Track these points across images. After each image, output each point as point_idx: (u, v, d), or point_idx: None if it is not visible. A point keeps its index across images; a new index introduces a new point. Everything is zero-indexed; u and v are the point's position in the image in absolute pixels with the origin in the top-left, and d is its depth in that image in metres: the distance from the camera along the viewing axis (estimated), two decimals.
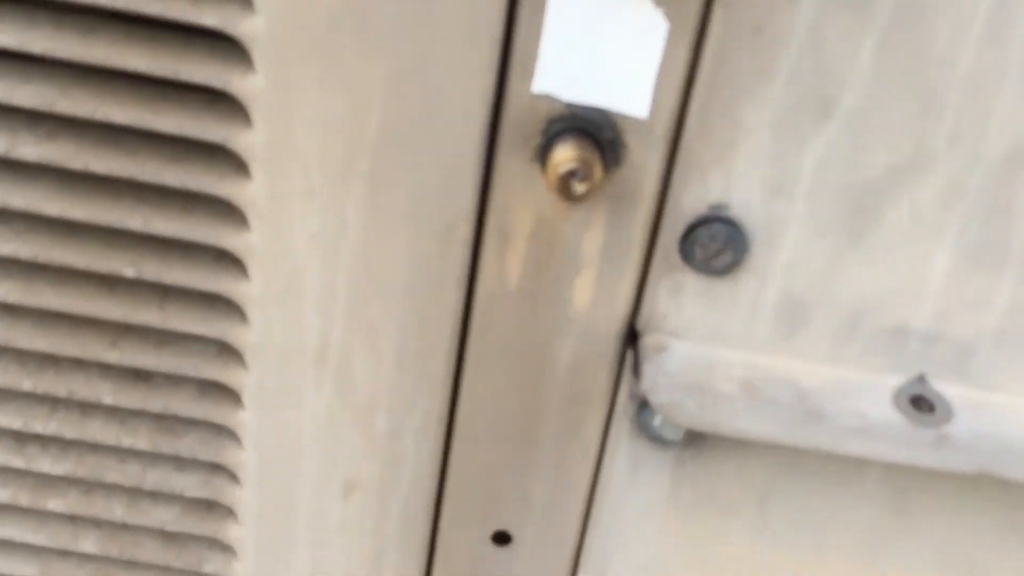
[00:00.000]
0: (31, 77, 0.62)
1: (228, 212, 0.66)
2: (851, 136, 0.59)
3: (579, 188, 0.58)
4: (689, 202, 0.62)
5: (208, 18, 0.58)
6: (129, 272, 0.67)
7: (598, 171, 0.59)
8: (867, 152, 0.60)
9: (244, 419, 0.73)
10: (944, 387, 0.67)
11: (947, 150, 0.60)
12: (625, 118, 0.60)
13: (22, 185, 0.65)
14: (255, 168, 0.63)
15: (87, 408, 0.75)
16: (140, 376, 0.73)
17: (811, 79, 0.58)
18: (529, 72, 0.59)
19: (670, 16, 0.56)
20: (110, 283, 0.70)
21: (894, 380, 0.67)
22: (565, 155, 0.58)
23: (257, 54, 0.59)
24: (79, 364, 0.73)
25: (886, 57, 0.57)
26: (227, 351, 0.71)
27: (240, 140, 0.62)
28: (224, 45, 0.61)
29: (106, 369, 0.73)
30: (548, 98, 0.60)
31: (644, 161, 0.61)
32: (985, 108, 0.58)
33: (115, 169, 0.64)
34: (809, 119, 0.59)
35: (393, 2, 0.57)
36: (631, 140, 0.61)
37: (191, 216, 0.66)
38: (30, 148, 0.63)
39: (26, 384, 0.72)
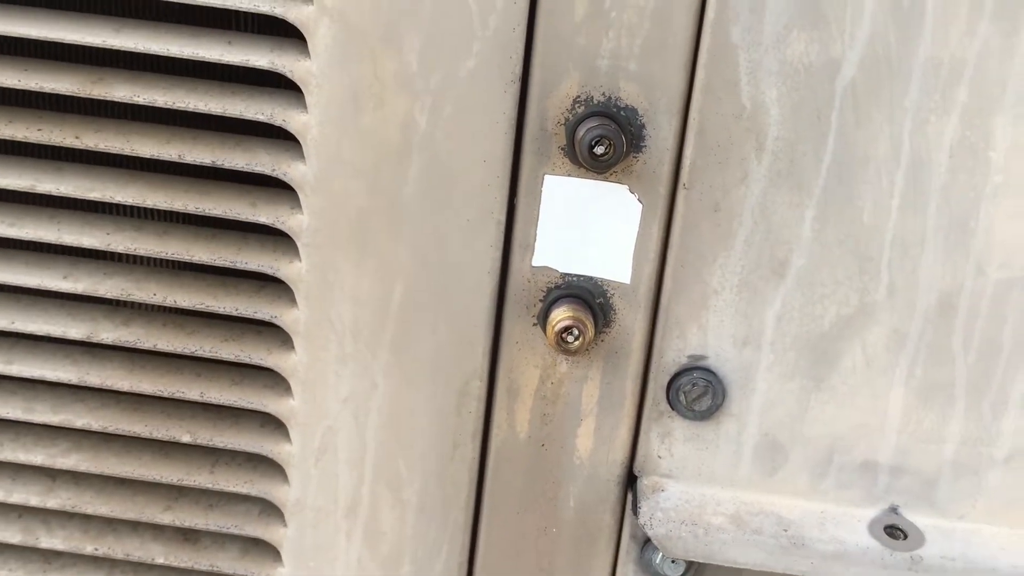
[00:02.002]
0: (112, 273, 0.74)
1: (274, 381, 0.76)
2: (803, 292, 0.70)
3: (573, 344, 0.68)
4: (671, 355, 0.72)
5: (263, 217, 0.70)
6: (185, 438, 0.77)
7: (590, 329, 0.69)
8: (819, 305, 0.70)
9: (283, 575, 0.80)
10: (916, 518, 0.74)
11: (887, 302, 0.70)
12: (612, 284, 0.71)
13: (99, 365, 0.76)
14: (298, 341, 0.73)
15: (141, 570, 0.82)
16: (188, 538, 0.81)
17: (764, 246, 0.69)
18: (529, 249, 0.70)
19: (643, 199, 0.69)
20: (167, 450, 0.79)
21: (870, 512, 0.75)
22: (561, 314, 0.69)
23: (301, 244, 0.71)
24: (135, 528, 0.81)
25: (825, 225, 0.68)
26: (269, 510, 0.79)
27: (286, 317, 0.73)
28: (274, 239, 0.73)
29: (159, 532, 0.81)
30: (546, 270, 0.71)
31: (631, 321, 0.72)
32: (913, 265, 0.69)
33: (179, 348, 0.74)
34: (765, 279, 0.70)
35: (412, 195, 0.69)
36: (618, 303, 0.71)
37: (240, 386, 0.76)
38: (109, 333, 0.75)
39: (88, 548, 0.80)
